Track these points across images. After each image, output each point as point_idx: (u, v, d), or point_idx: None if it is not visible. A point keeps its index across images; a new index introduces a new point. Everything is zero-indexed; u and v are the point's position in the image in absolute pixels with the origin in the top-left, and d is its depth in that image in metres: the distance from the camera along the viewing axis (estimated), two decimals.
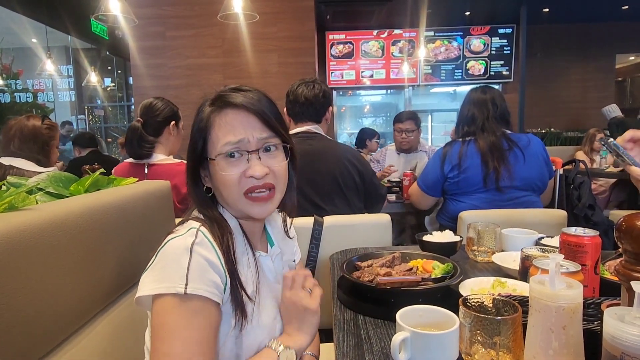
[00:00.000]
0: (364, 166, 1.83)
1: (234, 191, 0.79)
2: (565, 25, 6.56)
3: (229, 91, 0.82)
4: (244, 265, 0.81)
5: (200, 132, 0.80)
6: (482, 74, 6.47)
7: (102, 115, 9.77)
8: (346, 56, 6.40)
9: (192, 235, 0.73)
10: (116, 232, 0.93)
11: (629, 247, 0.57)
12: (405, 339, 0.66)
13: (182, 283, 0.68)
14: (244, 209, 0.81)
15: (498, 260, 1.18)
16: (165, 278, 0.69)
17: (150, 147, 1.80)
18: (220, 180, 0.79)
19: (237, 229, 0.83)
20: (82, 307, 0.80)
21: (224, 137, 0.79)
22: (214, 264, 0.73)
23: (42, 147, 2.11)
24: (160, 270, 0.70)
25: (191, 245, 0.71)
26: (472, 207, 1.89)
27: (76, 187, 1.05)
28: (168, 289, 0.68)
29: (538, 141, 1.96)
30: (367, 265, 1.04)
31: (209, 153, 0.80)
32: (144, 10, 3.97)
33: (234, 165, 0.79)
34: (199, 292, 0.69)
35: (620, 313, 0.52)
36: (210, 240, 0.75)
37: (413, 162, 3.04)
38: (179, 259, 0.70)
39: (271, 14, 3.95)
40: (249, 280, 0.81)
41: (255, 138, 0.79)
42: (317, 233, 1.60)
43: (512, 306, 0.65)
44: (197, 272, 0.70)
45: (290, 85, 1.88)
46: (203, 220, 0.79)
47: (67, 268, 0.74)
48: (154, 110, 1.84)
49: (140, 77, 4.13)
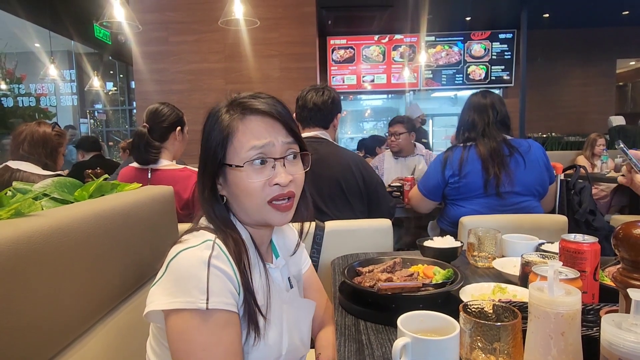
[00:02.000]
0: (368, 173, 1.83)
1: (256, 199, 0.78)
2: (565, 30, 6.60)
3: (249, 98, 0.80)
4: (255, 279, 0.80)
5: (221, 139, 0.78)
6: (483, 78, 6.50)
7: (104, 119, 9.83)
8: (347, 61, 6.44)
9: (209, 247, 0.72)
10: (120, 237, 0.93)
11: (626, 255, 0.58)
12: (406, 345, 0.66)
13: (202, 298, 0.67)
14: (266, 216, 0.80)
15: (498, 266, 1.18)
16: (183, 292, 0.68)
17: (156, 152, 1.82)
18: (243, 187, 0.77)
19: (248, 241, 0.82)
20: (86, 312, 0.80)
21: (248, 143, 0.77)
22: (231, 276, 0.72)
23: (50, 152, 2.22)
24: (175, 283, 0.69)
25: (209, 259, 0.70)
26: (473, 212, 1.89)
27: (80, 192, 1.06)
28: (188, 304, 0.67)
29: (539, 146, 1.97)
30: (369, 270, 1.05)
31: (230, 160, 0.78)
32: (147, 16, 4.01)
33: (260, 172, 0.77)
34: (221, 307, 0.68)
35: (617, 320, 0.52)
36: (226, 253, 0.74)
37: (411, 166, 3.06)
38: (197, 273, 0.69)
39: (272, 20, 3.98)
40: (259, 293, 0.80)
41: (280, 142, 0.78)
42: (318, 238, 1.60)
43: (512, 312, 0.66)
44: (217, 286, 0.69)
45: (301, 91, 1.91)
46: (215, 231, 0.77)
47: (72, 274, 0.75)
48: (160, 116, 1.85)
49: (143, 81, 4.16)
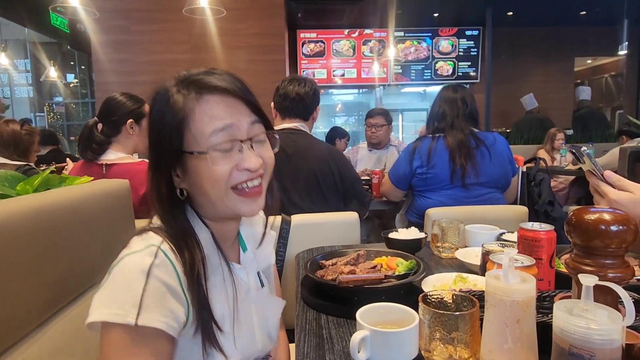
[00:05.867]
0: (345, 167, 1.82)
1: (221, 187, 0.69)
2: (528, 29, 6.81)
3: (203, 74, 0.70)
4: (217, 284, 0.73)
5: (176, 124, 0.68)
6: (451, 74, 6.63)
7: (62, 112, 9.34)
8: (317, 55, 6.40)
9: (151, 255, 0.64)
10: (67, 234, 0.87)
11: (578, 241, 0.58)
12: (365, 338, 0.65)
13: (134, 312, 0.59)
14: (234, 206, 0.71)
15: (461, 256, 1.20)
16: (116, 303, 0.60)
17: (98, 147, 1.68)
18: (208, 176, 0.68)
19: (208, 244, 0.73)
20: (28, 313, 0.75)
21: (208, 126, 0.68)
22: (175, 290, 0.64)
23: (23, 152, 2.31)
24: (111, 292, 0.62)
25: (149, 268, 0.62)
26: (439, 203, 1.92)
27: (23, 186, 0.99)
28: (117, 317, 0.59)
29: (503, 140, 2.03)
30: (332, 263, 1.03)
31: (189, 147, 0.68)
32: (108, 3, 3.82)
33: (227, 157, 0.69)
34: (152, 324, 0.60)
35: (569, 306, 0.52)
36: (172, 262, 0.65)
37: (383, 159, 3.08)
38: (133, 283, 0.61)
39: (239, 10, 3.89)
40: (222, 299, 0.73)
41: (245, 123, 0.70)
42: (284, 232, 1.57)
43: (470, 301, 0.66)
44: (154, 300, 0.61)
45: (281, 81, 1.88)
46: (166, 234, 0.68)
47: (10, 272, 0.69)
48: (111, 107, 1.73)
49: (104, 72, 3.98)
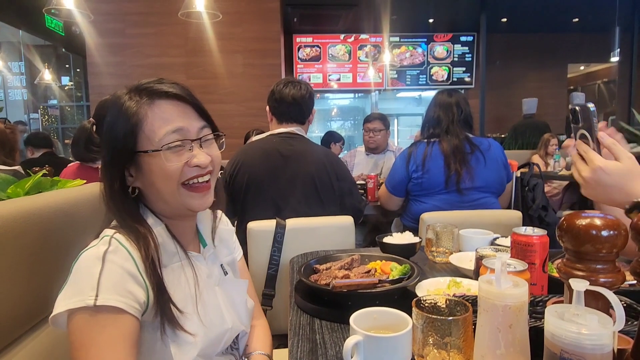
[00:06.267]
0: (342, 172, 1.81)
1: (173, 183, 0.75)
2: (522, 35, 6.89)
3: (154, 83, 0.79)
4: (175, 270, 0.78)
5: (130, 127, 0.75)
6: (446, 79, 6.67)
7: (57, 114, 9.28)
8: (313, 59, 6.42)
9: (105, 243, 0.68)
10: (58, 237, 0.87)
11: (569, 246, 0.58)
12: (358, 343, 0.65)
13: (92, 294, 0.62)
14: (184, 201, 0.77)
15: (455, 260, 1.20)
16: (76, 292, 0.63)
17: (98, 150, 1.67)
18: (160, 172, 0.74)
19: (164, 235, 0.78)
20: (19, 316, 0.74)
21: (161, 128, 0.74)
22: (132, 274, 0.67)
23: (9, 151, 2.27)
24: (71, 285, 0.65)
25: (103, 254, 0.66)
26: (434, 207, 1.93)
27: (14, 189, 0.98)
28: (77, 303, 0.62)
29: (498, 145, 2.04)
30: (326, 268, 1.03)
31: (143, 147, 0.75)
32: (103, 6, 3.82)
33: (178, 154, 0.75)
34: (110, 303, 0.62)
35: (560, 311, 0.52)
36: (127, 249, 0.69)
37: (380, 163, 3.08)
38: (90, 270, 0.64)
39: (235, 14, 3.90)
40: (182, 285, 0.77)
41: (195, 127, 0.78)
42: (279, 236, 1.57)
43: (464, 306, 0.65)
44: (111, 281, 0.64)
45: (275, 84, 1.85)
46: (121, 227, 0.74)
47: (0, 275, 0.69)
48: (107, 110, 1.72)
49: (98, 75, 3.96)
